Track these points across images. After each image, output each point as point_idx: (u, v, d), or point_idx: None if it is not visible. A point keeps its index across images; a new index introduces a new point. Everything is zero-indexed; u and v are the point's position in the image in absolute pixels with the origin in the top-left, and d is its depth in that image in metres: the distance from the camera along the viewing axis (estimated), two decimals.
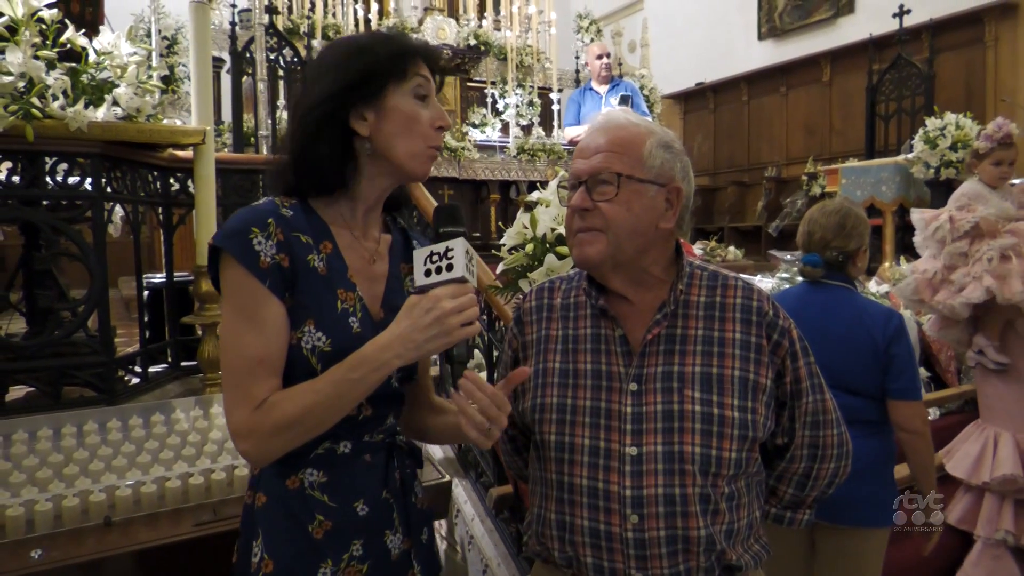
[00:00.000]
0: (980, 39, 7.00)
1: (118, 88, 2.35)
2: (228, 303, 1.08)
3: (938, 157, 4.91)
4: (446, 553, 2.87)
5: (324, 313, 1.10)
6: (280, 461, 1.10)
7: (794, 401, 1.23)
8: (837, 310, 2.04)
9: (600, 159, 1.17)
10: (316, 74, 1.15)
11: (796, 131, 8.96)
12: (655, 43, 7.92)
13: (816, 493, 1.31)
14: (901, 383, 1.95)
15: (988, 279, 2.73)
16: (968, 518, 2.84)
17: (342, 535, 1.14)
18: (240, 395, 1.04)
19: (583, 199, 1.17)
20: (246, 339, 1.05)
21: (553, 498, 1.21)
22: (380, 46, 1.12)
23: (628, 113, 1.25)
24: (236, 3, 5.00)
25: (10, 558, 1.50)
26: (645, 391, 1.16)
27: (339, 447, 1.15)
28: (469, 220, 6.12)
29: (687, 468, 1.12)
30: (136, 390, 2.57)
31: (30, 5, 2.14)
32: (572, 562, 1.19)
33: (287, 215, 1.11)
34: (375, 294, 1.19)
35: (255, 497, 1.15)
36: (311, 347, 1.08)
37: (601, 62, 5.91)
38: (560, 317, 1.28)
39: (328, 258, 1.13)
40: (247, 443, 1.04)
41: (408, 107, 1.13)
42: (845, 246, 2.08)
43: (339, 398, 1.04)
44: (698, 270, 1.25)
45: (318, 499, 1.13)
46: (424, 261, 1.05)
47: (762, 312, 1.20)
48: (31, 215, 2.33)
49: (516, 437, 1.41)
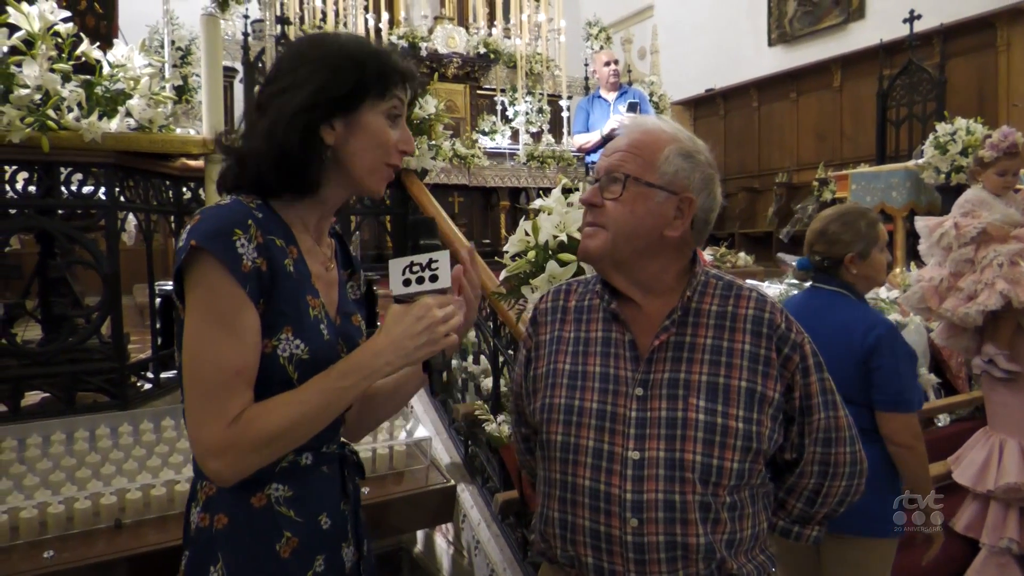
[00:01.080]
0: (992, 44, 6.96)
1: (131, 99, 2.40)
2: (201, 308, 1.00)
3: (949, 162, 4.88)
4: (452, 558, 2.88)
5: (302, 320, 1.07)
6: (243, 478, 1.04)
7: (804, 417, 1.22)
8: (826, 316, 2.02)
9: (616, 158, 1.21)
10: (301, 72, 1.09)
11: (807, 137, 8.93)
12: (665, 50, 7.94)
13: (826, 510, 1.29)
14: (886, 395, 1.91)
15: (1002, 283, 2.71)
16: (975, 526, 2.81)
17: (307, 551, 1.11)
18: (213, 410, 0.98)
19: (593, 195, 1.22)
20: (223, 348, 0.99)
21: (556, 497, 1.22)
22: (372, 61, 1.10)
23: (662, 119, 1.27)
24: (248, 14, 5.07)
25: (23, 559, 1.53)
26: (650, 396, 1.17)
27: (302, 459, 1.11)
28: (479, 227, 6.18)
29: (687, 476, 1.12)
30: (148, 395, 2.61)
31: (46, 19, 2.20)
32: (574, 562, 1.20)
33: (259, 216, 1.06)
34: (332, 300, 1.18)
35: (212, 519, 1.08)
36: (288, 355, 1.04)
37: (609, 69, 5.92)
38: (574, 319, 1.30)
39: (295, 263, 1.09)
40: (220, 462, 0.98)
41: (379, 127, 1.11)
42: (827, 251, 2.06)
43: (326, 408, 1.02)
44: (713, 279, 1.25)
45: (285, 515, 1.09)
46: (403, 271, 1.06)
47: (773, 325, 1.19)
48: (46, 224, 2.38)
49: (529, 437, 1.42)
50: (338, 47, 1.12)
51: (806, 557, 2.08)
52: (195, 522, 1.11)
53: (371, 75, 1.09)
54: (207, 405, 0.98)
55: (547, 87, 6.96)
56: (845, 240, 2.04)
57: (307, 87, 1.07)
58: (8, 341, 2.32)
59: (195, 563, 1.09)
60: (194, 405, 1.00)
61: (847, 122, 8.38)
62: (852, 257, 2.03)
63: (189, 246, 0.99)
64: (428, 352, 1.04)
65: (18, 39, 2.17)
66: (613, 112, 5.81)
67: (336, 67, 1.08)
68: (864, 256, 2.03)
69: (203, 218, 1.02)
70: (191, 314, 1.01)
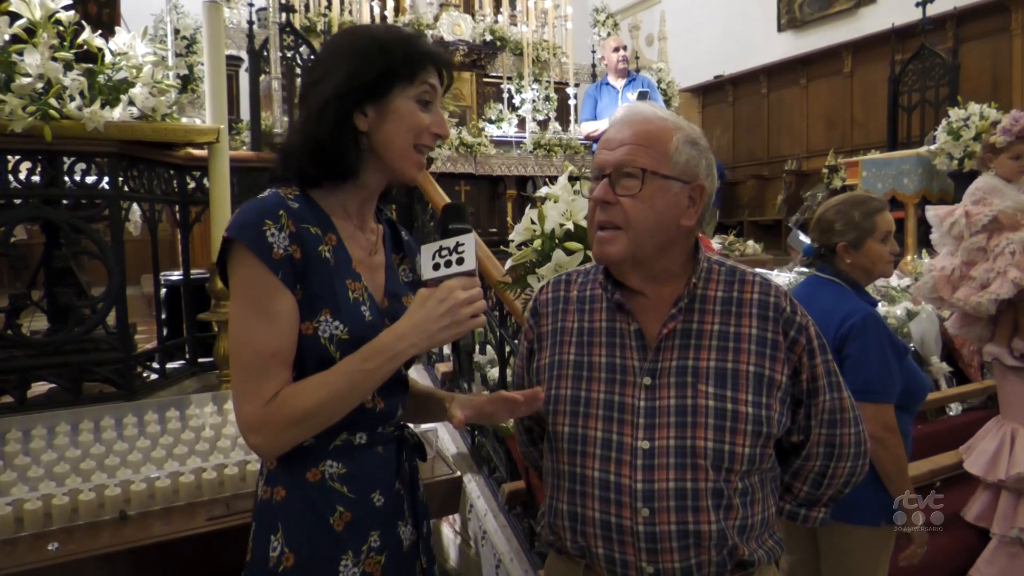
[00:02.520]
0: (1006, 28, 6.86)
1: (134, 88, 2.38)
2: (239, 295, 1.08)
3: (962, 148, 4.82)
4: (460, 548, 2.88)
5: (340, 302, 1.11)
6: (299, 454, 1.11)
7: (811, 399, 1.22)
8: (814, 303, 2.01)
9: (625, 152, 1.16)
10: (332, 63, 1.15)
11: (817, 124, 8.85)
12: (673, 36, 7.85)
13: (832, 492, 1.29)
14: (855, 384, 1.82)
15: (1014, 272, 2.69)
16: (986, 515, 2.80)
17: (361, 526, 1.15)
18: (251, 389, 1.05)
19: (606, 192, 1.17)
20: (259, 332, 1.06)
21: (565, 489, 1.22)
22: (398, 46, 1.13)
23: (655, 107, 1.25)
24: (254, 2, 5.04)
25: (28, 551, 1.53)
26: (659, 386, 1.16)
27: (355, 438, 1.17)
28: (486, 216, 6.15)
29: (699, 463, 1.12)
30: (154, 386, 2.61)
31: (48, 7, 2.18)
32: (584, 552, 1.20)
33: (294, 207, 1.12)
34: (377, 283, 1.22)
35: (272, 492, 1.15)
36: (328, 336, 1.10)
37: (618, 55, 5.87)
38: (576, 310, 1.29)
39: (334, 249, 1.14)
40: (258, 437, 1.06)
41: (409, 111, 1.14)
42: (822, 239, 2.06)
43: (352, 389, 1.06)
44: (716, 265, 1.24)
45: (338, 490, 1.14)
46: (433, 255, 1.09)
47: (779, 308, 1.19)
48: (51, 214, 2.37)
49: (532, 428, 1.42)
50: (368, 36, 1.16)
51: (806, 543, 2.09)
52: (260, 495, 1.18)
53: (398, 61, 1.12)
54: (246, 385, 1.06)
55: (554, 74, 6.92)
56: (836, 229, 2.03)
57: (337, 76, 1.12)
58: (14, 332, 2.32)
59: (260, 533, 1.16)
60: (236, 384, 1.08)
61: (858, 108, 8.29)
62: (844, 246, 2.02)
63: (223, 238, 1.08)
64: (453, 334, 1.07)
65: (19, 27, 2.15)
66: (622, 100, 5.76)
67: (364, 55, 1.13)
68: (856, 246, 2.01)
69: (239, 211, 1.10)
70: (232, 301, 1.10)
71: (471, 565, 2.75)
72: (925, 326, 3.75)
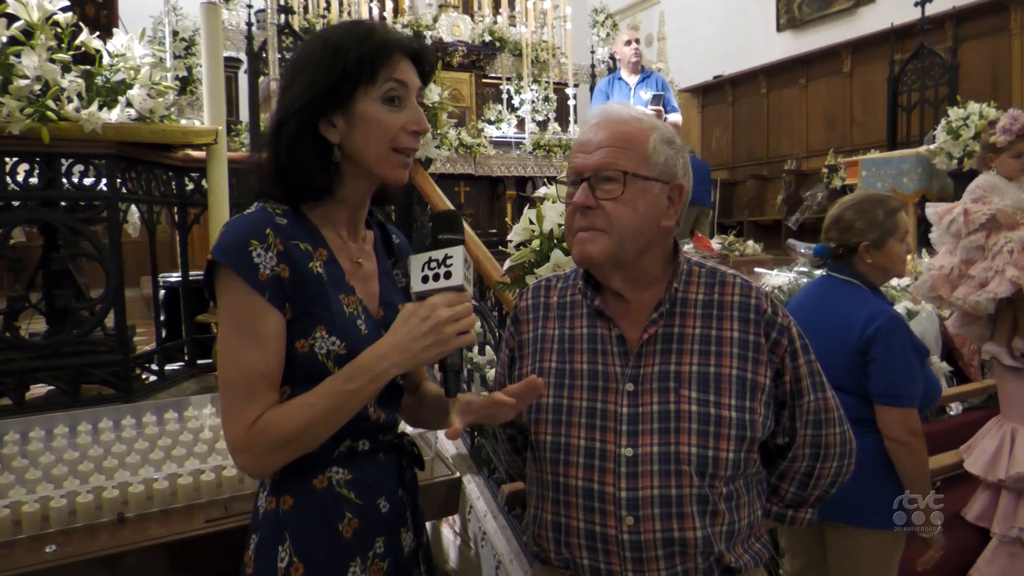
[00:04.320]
0: (1005, 27, 6.85)
1: (132, 90, 2.38)
2: (227, 318, 1.05)
3: (961, 147, 4.82)
4: (459, 549, 2.88)
5: (335, 318, 1.08)
6: (304, 462, 1.08)
7: (794, 400, 1.20)
8: (831, 305, 1.99)
9: (604, 154, 1.13)
10: (291, 75, 1.10)
11: (816, 123, 8.84)
12: (672, 36, 7.87)
13: (819, 492, 1.28)
14: (881, 388, 1.86)
15: (1012, 270, 2.68)
16: (986, 515, 2.78)
17: (368, 533, 1.14)
18: (237, 410, 1.03)
19: (586, 197, 1.13)
20: (246, 354, 1.03)
21: (549, 499, 1.20)
22: (351, 47, 1.06)
23: (627, 106, 1.22)
24: (252, 3, 5.04)
25: (26, 553, 1.53)
26: (641, 391, 1.14)
27: (359, 445, 1.15)
28: (485, 216, 6.15)
29: (683, 469, 1.10)
30: (153, 388, 2.60)
31: (45, 9, 2.18)
32: (569, 564, 1.18)
33: (281, 223, 1.08)
34: (371, 293, 1.19)
35: (279, 501, 1.12)
36: (326, 352, 1.07)
37: (630, 48, 5.72)
38: (556, 316, 1.27)
39: (326, 264, 1.11)
40: (244, 459, 1.04)
41: (376, 114, 1.08)
42: (842, 239, 2.02)
43: (336, 411, 1.03)
44: (696, 267, 1.23)
45: (346, 497, 1.12)
46: (422, 267, 1.02)
47: (760, 310, 1.17)
48: (49, 216, 2.37)
49: (515, 437, 1.39)
50: (323, 41, 1.10)
51: (812, 547, 2.07)
52: (263, 506, 1.15)
53: (352, 63, 1.06)
54: (233, 406, 1.04)
55: (553, 75, 6.92)
56: (859, 228, 1.99)
57: (296, 88, 1.07)
58: (12, 334, 2.31)
59: (264, 545, 1.12)
60: (224, 404, 1.06)
61: (857, 108, 8.28)
62: (866, 246, 1.98)
63: (208, 261, 1.05)
64: (437, 353, 1.01)
65: (17, 29, 2.15)
66: (634, 96, 5.69)
67: (318, 63, 1.07)
68: (879, 246, 1.98)
69: (224, 231, 1.06)
70: (220, 322, 1.07)
71: (471, 566, 2.75)
72: (925, 325, 3.74)
